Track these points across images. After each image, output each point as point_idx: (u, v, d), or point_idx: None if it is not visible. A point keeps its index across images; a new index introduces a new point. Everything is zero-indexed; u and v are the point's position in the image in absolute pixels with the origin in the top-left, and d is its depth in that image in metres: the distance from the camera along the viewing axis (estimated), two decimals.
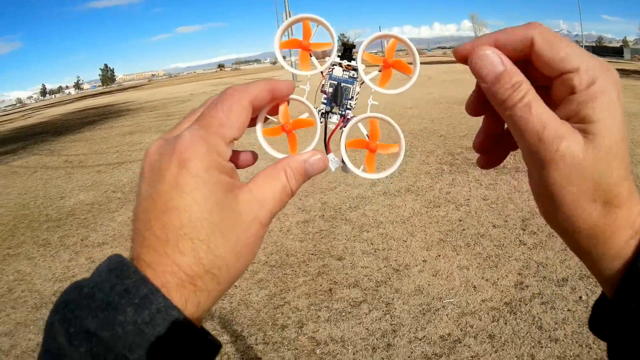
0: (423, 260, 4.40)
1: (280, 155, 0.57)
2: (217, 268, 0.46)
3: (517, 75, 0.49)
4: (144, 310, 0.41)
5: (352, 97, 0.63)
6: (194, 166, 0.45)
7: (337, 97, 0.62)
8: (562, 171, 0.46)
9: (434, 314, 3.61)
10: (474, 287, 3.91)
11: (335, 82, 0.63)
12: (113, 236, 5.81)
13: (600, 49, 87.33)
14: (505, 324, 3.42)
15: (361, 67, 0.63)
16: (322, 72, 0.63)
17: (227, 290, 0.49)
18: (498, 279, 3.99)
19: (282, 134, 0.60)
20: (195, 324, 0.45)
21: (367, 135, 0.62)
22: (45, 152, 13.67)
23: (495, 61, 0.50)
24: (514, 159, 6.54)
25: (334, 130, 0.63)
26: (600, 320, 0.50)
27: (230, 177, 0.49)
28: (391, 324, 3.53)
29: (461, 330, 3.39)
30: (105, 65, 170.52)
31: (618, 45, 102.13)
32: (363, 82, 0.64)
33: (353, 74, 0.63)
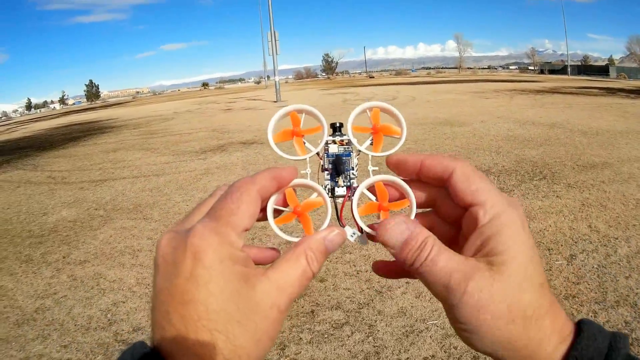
0: (406, 282, 4.35)
1: (297, 239, 0.58)
2: (237, 357, 0.47)
3: (422, 234, 0.55)
4: None
5: (353, 168, 0.66)
6: (208, 258, 0.47)
7: (338, 171, 0.65)
8: (474, 306, 0.50)
9: (418, 335, 3.62)
10: None
11: (334, 158, 0.66)
12: (95, 254, 5.79)
13: (586, 68, 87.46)
14: None
15: (354, 139, 0.67)
16: (318, 153, 0.67)
17: None
18: None
19: (294, 218, 0.62)
20: None
21: (375, 199, 0.64)
22: (29, 167, 13.59)
23: (400, 230, 0.56)
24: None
25: (343, 203, 0.65)
26: None
27: (245, 266, 0.50)
28: (374, 346, 3.54)
29: (445, 351, 3.41)
30: (90, 81, 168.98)
31: (604, 63, 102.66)
32: (359, 152, 0.67)
33: (347, 147, 0.67)
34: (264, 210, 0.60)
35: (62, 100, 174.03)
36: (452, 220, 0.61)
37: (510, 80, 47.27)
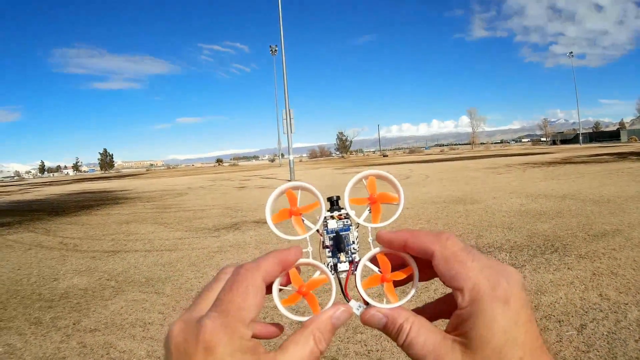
0: None
1: (304, 319, 0.62)
2: None
3: (399, 319, 0.60)
4: None
5: (353, 242, 0.68)
6: (219, 353, 0.51)
7: (339, 246, 0.67)
8: None
9: None
10: None
11: (333, 234, 0.68)
12: (105, 324, 5.78)
13: (597, 135, 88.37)
14: None
15: (352, 212, 0.70)
16: (318, 230, 0.69)
17: None
18: None
19: (300, 298, 0.65)
20: None
21: (379, 270, 0.66)
22: (41, 231, 13.73)
23: (378, 318, 0.62)
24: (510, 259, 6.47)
25: (347, 278, 0.66)
26: None
27: (254, 353, 0.53)
28: None
29: None
30: (105, 150, 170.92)
31: (615, 128, 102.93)
32: (358, 225, 0.70)
33: (346, 221, 0.70)
34: (269, 287, 0.63)
35: (76, 167, 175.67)
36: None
37: (523, 153, 47.50)
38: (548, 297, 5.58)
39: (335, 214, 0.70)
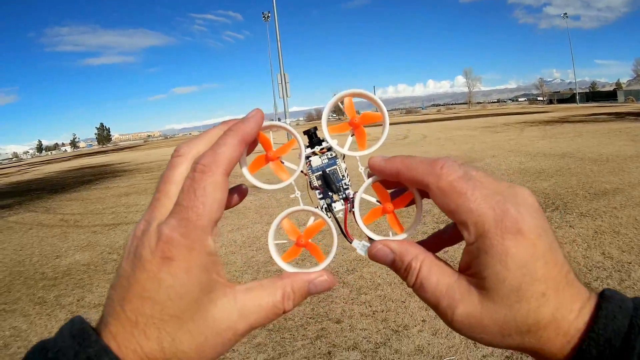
0: (422, 320, 4.38)
1: (292, 270, 0.58)
2: (171, 352, 0.48)
3: (408, 256, 0.56)
4: None
5: (344, 176, 0.63)
6: (175, 266, 0.48)
7: (329, 186, 0.62)
8: (466, 328, 0.52)
9: None
10: (474, 343, 3.83)
11: (320, 172, 0.63)
12: None
13: (594, 95, 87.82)
14: None
15: (334, 143, 0.63)
16: (302, 172, 0.63)
17: None
18: None
19: (300, 250, 0.61)
20: None
21: (377, 201, 0.61)
22: (41, 210, 13.76)
23: (385, 254, 0.57)
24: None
25: (345, 217, 0.62)
26: None
27: (212, 274, 0.51)
28: None
29: None
30: (102, 124, 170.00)
31: (612, 88, 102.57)
32: (344, 156, 0.64)
33: (331, 154, 0.64)
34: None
35: (74, 143, 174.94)
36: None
37: (520, 112, 47.33)
38: None
39: (317, 149, 0.64)
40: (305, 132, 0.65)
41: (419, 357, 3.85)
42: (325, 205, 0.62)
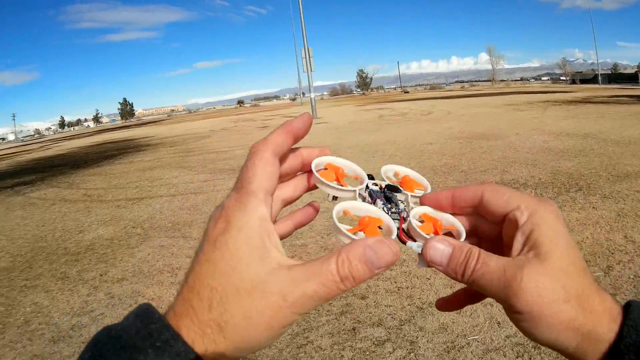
0: None
1: (350, 235, 0.58)
2: (223, 321, 0.48)
3: (466, 246, 0.57)
4: (164, 352, 0.46)
5: (398, 200, 0.67)
6: (230, 228, 0.51)
7: (388, 200, 0.66)
8: (532, 292, 0.51)
9: (459, 351, 3.60)
10: (498, 323, 3.90)
11: (379, 192, 0.67)
12: (133, 272, 5.82)
13: (616, 77, 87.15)
14: (530, 359, 3.43)
15: (396, 185, 0.69)
16: (360, 194, 0.66)
17: (237, 351, 0.50)
18: None
19: (359, 232, 0.60)
20: None
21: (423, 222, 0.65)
22: (64, 185, 13.86)
23: (443, 246, 0.58)
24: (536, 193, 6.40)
25: (401, 222, 0.63)
26: None
27: (265, 239, 0.52)
28: None
29: None
30: (124, 100, 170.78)
31: (633, 71, 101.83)
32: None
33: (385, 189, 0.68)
34: (307, 171, 0.66)
35: (96, 119, 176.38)
36: (492, 240, 0.65)
37: (543, 91, 47.07)
38: (575, 236, 5.53)
39: (377, 181, 0.68)
40: (368, 175, 0.69)
41: (442, 335, 3.86)
42: (385, 209, 0.64)
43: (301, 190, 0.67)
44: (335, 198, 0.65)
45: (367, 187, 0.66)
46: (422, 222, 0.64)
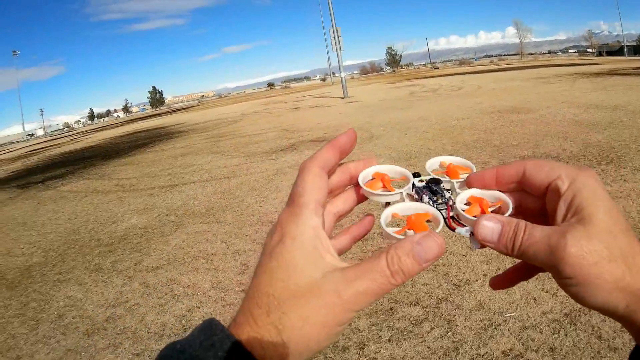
0: (483, 275, 4.43)
1: (398, 236, 0.59)
2: (281, 324, 0.50)
3: (514, 221, 0.58)
4: None
5: (444, 189, 0.69)
6: (285, 239, 0.54)
7: (433, 193, 0.68)
8: (577, 255, 0.51)
9: (496, 329, 3.61)
10: (534, 299, 3.90)
11: (424, 188, 0.69)
12: (167, 260, 5.82)
13: None
14: (566, 335, 3.42)
15: (434, 176, 0.71)
16: (409, 194, 0.69)
17: (297, 353, 0.51)
18: (558, 290, 3.93)
19: (406, 230, 0.62)
20: None
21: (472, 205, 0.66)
22: (95, 176, 13.99)
23: (492, 224, 0.59)
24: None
25: (448, 209, 0.65)
26: None
27: (318, 246, 0.54)
28: (453, 342, 3.53)
29: (522, 344, 3.39)
30: (154, 88, 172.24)
31: None
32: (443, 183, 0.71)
33: (432, 180, 0.71)
34: (356, 184, 0.68)
35: (126, 108, 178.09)
36: (537, 214, 0.64)
37: (571, 64, 46.80)
38: None
39: (423, 177, 0.71)
40: (413, 174, 0.72)
41: (480, 313, 3.88)
42: (432, 202, 0.66)
43: (352, 202, 0.69)
44: (388, 204, 0.67)
45: (413, 185, 0.69)
46: (469, 204, 0.66)
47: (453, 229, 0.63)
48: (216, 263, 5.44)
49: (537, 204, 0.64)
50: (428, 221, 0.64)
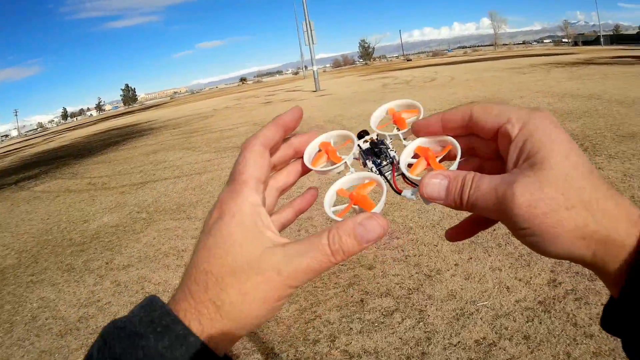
0: (455, 264, 4.42)
1: (340, 219, 0.59)
2: (220, 300, 0.50)
3: (460, 175, 0.57)
4: (165, 336, 0.48)
5: (389, 147, 0.68)
6: (224, 216, 0.54)
7: (378, 155, 0.67)
8: (529, 205, 0.49)
9: (468, 318, 3.61)
10: (507, 287, 3.91)
11: (369, 151, 0.68)
12: (139, 258, 5.80)
13: (618, 38, 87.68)
14: (540, 323, 3.42)
15: (381, 132, 0.69)
16: (355, 157, 0.68)
17: (235, 328, 0.51)
18: (531, 277, 3.98)
19: (352, 207, 0.63)
20: (213, 350, 0.50)
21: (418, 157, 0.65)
22: (68, 176, 13.87)
23: (438, 181, 0.58)
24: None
25: (393, 172, 0.65)
26: (611, 319, 0.52)
27: (258, 223, 0.54)
28: (425, 332, 3.53)
29: (496, 333, 3.39)
30: (127, 85, 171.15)
31: (635, 32, 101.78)
32: (391, 138, 0.69)
33: (379, 138, 0.69)
34: (300, 160, 0.68)
35: (99, 107, 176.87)
36: (493, 158, 0.63)
37: (546, 54, 47.15)
38: None
39: (367, 137, 0.69)
40: (358, 135, 0.71)
41: (452, 302, 3.88)
42: (376, 168, 0.66)
43: (295, 175, 0.69)
44: (339, 172, 0.67)
45: (359, 148, 0.68)
46: (416, 157, 0.65)
47: (399, 192, 0.63)
48: (187, 259, 5.25)
49: (491, 147, 0.62)
50: (376, 191, 0.63)
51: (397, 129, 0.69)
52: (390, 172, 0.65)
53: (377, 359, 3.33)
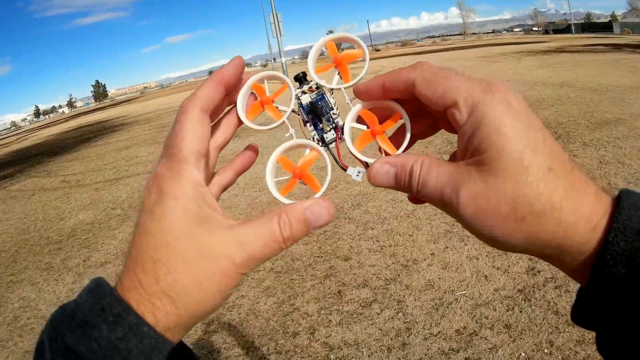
0: (431, 254, 4.39)
1: (289, 202, 0.58)
2: (174, 292, 0.48)
3: (408, 163, 0.55)
4: (118, 327, 0.45)
5: (332, 108, 0.64)
6: (164, 197, 0.50)
7: (319, 117, 0.64)
8: (476, 214, 0.48)
9: (448, 307, 3.59)
10: (485, 276, 3.89)
11: (309, 107, 0.65)
12: (115, 254, 5.81)
13: (590, 26, 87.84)
14: (521, 312, 3.40)
15: (321, 81, 0.65)
16: (293, 110, 0.65)
17: (191, 318, 0.50)
18: (509, 266, 3.97)
19: (297, 182, 0.62)
20: (169, 340, 0.48)
21: (367, 127, 0.61)
22: (43, 174, 13.72)
23: (386, 170, 0.56)
24: None
25: (337, 145, 0.64)
26: (581, 312, 0.51)
27: (202, 204, 0.52)
28: (405, 322, 3.51)
29: (476, 322, 3.37)
30: (97, 82, 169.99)
31: (607, 20, 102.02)
32: (332, 91, 0.65)
33: (319, 91, 0.65)
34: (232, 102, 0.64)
35: (71, 104, 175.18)
36: (445, 118, 0.56)
37: (516, 42, 47.08)
38: None
39: (306, 87, 0.66)
40: (295, 78, 0.67)
41: (430, 292, 3.86)
42: (318, 138, 0.65)
43: (232, 129, 0.65)
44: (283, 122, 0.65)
45: (298, 100, 0.65)
46: (361, 123, 0.62)
47: (345, 168, 0.62)
48: None
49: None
50: (320, 163, 0.62)
51: (338, 74, 0.65)
52: (333, 142, 0.64)
53: (358, 351, 3.32)
